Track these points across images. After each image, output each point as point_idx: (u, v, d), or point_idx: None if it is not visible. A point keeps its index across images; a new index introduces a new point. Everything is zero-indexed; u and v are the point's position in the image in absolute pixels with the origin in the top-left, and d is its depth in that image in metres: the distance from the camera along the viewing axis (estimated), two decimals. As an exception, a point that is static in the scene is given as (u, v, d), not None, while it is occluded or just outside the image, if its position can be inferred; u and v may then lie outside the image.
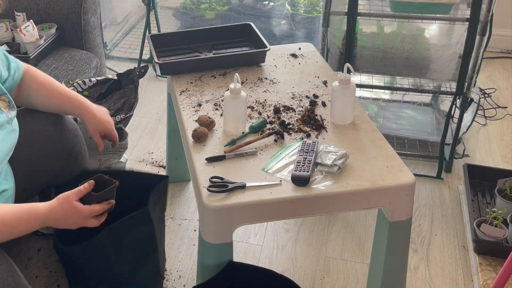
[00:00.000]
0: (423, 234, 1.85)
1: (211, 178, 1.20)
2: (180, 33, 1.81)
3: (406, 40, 2.08)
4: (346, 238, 1.84)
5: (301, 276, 1.69)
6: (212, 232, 1.20)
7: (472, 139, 2.33)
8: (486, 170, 2.01)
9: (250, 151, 1.30)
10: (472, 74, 1.96)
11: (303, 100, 1.51)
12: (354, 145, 1.33)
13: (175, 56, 1.69)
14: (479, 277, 1.64)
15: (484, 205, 1.91)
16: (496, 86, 2.71)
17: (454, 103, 2.04)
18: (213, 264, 1.24)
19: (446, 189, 2.05)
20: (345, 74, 1.37)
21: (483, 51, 1.96)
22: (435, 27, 2.10)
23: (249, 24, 1.80)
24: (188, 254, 1.76)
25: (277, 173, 1.24)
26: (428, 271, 1.72)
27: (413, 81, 2.19)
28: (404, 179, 1.22)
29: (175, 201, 1.98)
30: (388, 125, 2.25)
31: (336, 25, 2.03)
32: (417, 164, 2.16)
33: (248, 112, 1.45)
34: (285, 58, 1.74)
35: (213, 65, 1.65)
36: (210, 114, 1.44)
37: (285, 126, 1.39)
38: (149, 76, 2.78)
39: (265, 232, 1.85)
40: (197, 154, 1.30)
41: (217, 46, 1.76)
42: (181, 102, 1.50)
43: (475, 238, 1.70)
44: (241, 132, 1.37)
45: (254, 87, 1.57)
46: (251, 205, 1.17)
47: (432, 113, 2.35)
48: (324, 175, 1.24)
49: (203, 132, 1.33)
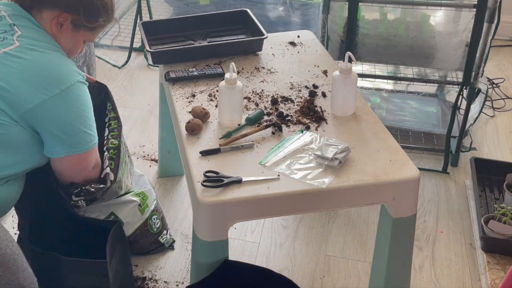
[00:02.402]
0: (428, 231, 1.84)
1: (205, 173, 1.20)
2: (173, 20, 1.81)
3: (411, 27, 2.07)
4: (347, 235, 1.83)
5: (300, 275, 1.68)
6: (207, 229, 1.20)
7: (480, 131, 2.32)
8: (494, 164, 2.01)
9: (246, 144, 1.29)
10: (479, 63, 1.96)
11: (302, 91, 1.50)
12: (355, 138, 1.32)
13: (167, 45, 1.68)
14: (487, 276, 1.62)
15: (492, 200, 1.90)
16: (505, 75, 2.69)
17: (460, 94, 2.03)
18: (208, 263, 1.23)
19: (452, 184, 2.04)
20: (346, 63, 1.36)
21: (491, 39, 1.97)
22: (441, 13, 2.10)
23: (246, 11, 1.79)
24: (181, 252, 1.75)
25: (275, 167, 1.23)
26: (433, 270, 1.71)
27: (417, 70, 2.19)
28: (408, 174, 1.22)
29: (167, 197, 1.97)
30: (392, 117, 2.25)
31: (337, 12, 2.02)
32: (421, 158, 2.15)
33: (245, 103, 1.44)
34: (283, 47, 1.73)
35: (208, 54, 1.64)
36: (205, 105, 1.43)
37: (283, 118, 1.38)
38: (141, 65, 2.77)
39: (262, 229, 1.84)
40: (190, 147, 1.29)
41: (211, 34, 1.75)
42: (174, 93, 1.49)
43: (483, 236, 1.69)
44: (237, 124, 1.36)
45: (250, 77, 1.56)
46: (247, 201, 1.16)
47: (438, 104, 2.36)
48: (325, 169, 1.23)
49: (197, 124, 1.32)
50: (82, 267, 1.34)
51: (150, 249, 1.70)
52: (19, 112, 1.23)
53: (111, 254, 1.36)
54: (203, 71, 1.53)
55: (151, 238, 1.68)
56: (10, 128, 1.23)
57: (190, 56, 1.62)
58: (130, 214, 1.59)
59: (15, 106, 1.22)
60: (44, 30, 1.31)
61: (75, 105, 1.28)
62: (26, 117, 1.24)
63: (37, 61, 1.25)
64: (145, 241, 1.67)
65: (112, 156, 1.46)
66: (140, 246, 1.67)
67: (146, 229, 1.65)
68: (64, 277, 1.30)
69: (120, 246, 1.42)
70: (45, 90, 1.23)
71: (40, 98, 1.23)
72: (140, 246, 1.67)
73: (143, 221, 1.63)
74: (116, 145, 1.49)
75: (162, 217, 1.72)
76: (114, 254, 1.38)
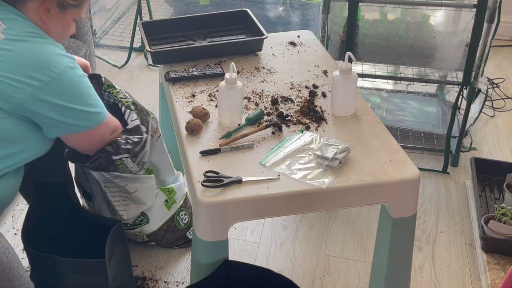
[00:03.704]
0: (428, 231, 1.84)
1: (205, 173, 1.19)
2: (173, 20, 1.80)
3: (411, 27, 2.07)
4: (347, 235, 1.82)
5: (300, 275, 1.68)
6: (207, 229, 1.19)
7: (480, 131, 2.31)
8: (494, 164, 2.00)
9: (246, 144, 1.28)
10: (479, 63, 1.95)
11: (302, 91, 1.50)
12: (355, 138, 1.32)
13: (167, 44, 1.68)
14: (487, 276, 1.62)
15: (492, 200, 1.89)
16: (505, 75, 2.69)
17: (460, 94, 2.02)
18: (208, 263, 1.22)
19: (452, 184, 2.04)
20: (346, 63, 1.35)
21: (491, 39, 1.96)
22: (441, 13, 2.09)
23: (246, 11, 1.79)
24: (181, 252, 1.74)
25: (275, 167, 1.23)
26: (433, 270, 1.70)
27: (417, 70, 2.18)
28: (408, 174, 1.21)
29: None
30: (392, 117, 2.24)
31: (337, 12, 2.02)
32: (422, 158, 2.14)
33: (245, 103, 1.43)
34: (283, 47, 1.72)
35: (208, 54, 1.64)
36: (205, 105, 1.42)
37: (283, 118, 1.38)
38: (141, 65, 2.77)
39: (262, 229, 1.84)
40: (190, 147, 1.28)
41: (211, 33, 1.74)
42: (174, 93, 1.48)
43: (483, 236, 1.69)
44: (237, 124, 1.35)
45: (250, 77, 1.55)
46: (247, 201, 1.15)
47: (438, 104, 2.35)
48: (325, 169, 1.22)
49: (197, 124, 1.32)
50: (80, 267, 1.34)
51: (177, 244, 1.72)
52: (11, 104, 1.20)
53: (111, 254, 1.35)
54: (203, 71, 1.53)
55: (179, 233, 1.70)
56: (3, 121, 1.21)
57: (190, 56, 1.62)
58: (156, 209, 1.60)
59: (6, 99, 1.20)
60: (31, 21, 1.29)
61: (70, 88, 1.25)
62: (19, 109, 1.22)
63: (24, 51, 1.22)
64: (172, 236, 1.69)
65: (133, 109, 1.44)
66: (167, 241, 1.69)
67: (173, 225, 1.67)
68: (62, 278, 1.30)
69: (120, 246, 1.42)
70: (35, 79, 1.20)
71: (31, 87, 1.20)
72: (167, 241, 1.69)
73: (170, 216, 1.64)
74: (131, 101, 1.46)
75: (191, 213, 1.71)
76: (113, 254, 1.38)
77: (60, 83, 1.23)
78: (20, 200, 1.84)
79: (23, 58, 1.21)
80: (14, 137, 1.25)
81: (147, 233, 1.64)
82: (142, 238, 1.66)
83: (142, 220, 1.61)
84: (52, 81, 1.22)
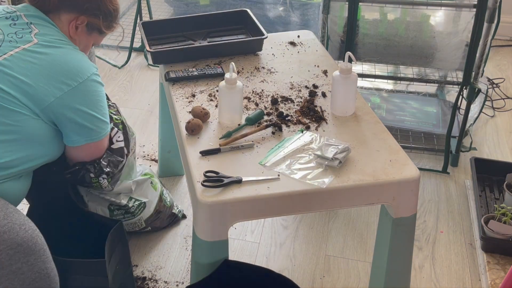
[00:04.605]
0: (428, 231, 1.84)
1: (205, 173, 1.19)
2: (173, 20, 1.80)
3: (411, 27, 2.07)
4: (347, 235, 1.82)
5: (300, 275, 1.67)
6: (207, 229, 1.19)
7: (480, 131, 2.31)
8: (494, 164, 2.00)
9: (246, 144, 1.28)
10: (479, 63, 1.95)
11: (302, 91, 1.49)
12: (355, 138, 1.31)
13: (167, 44, 1.68)
14: (487, 276, 1.62)
15: (492, 200, 1.89)
16: (505, 75, 2.69)
17: (460, 94, 2.02)
18: (208, 263, 1.22)
19: (452, 184, 2.04)
20: (346, 63, 1.35)
21: (491, 39, 1.96)
22: (441, 13, 2.09)
23: (246, 11, 1.79)
24: (181, 252, 1.74)
25: (275, 167, 1.23)
26: (433, 270, 1.70)
27: (417, 70, 2.18)
28: (408, 174, 1.21)
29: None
30: (392, 117, 2.24)
31: (337, 12, 2.02)
32: (422, 158, 2.14)
33: (245, 103, 1.43)
34: (283, 47, 1.72)
35: (208, 54, 1.64)
36: (205, 105, 1.42)
37: (283, 118, 1.38)
38: (141, 65, 2.77)
39: (262, 229, 1.84)
40: (190, 147, 1.28)
41: (211, 33, 1.74)
42: (174, 93, 1.48)
43: (483, 236, 1.69)
44: (237, 124, 1.35)
45: (250, 77, 1.55)
46: (247, 201, 1.15)
47: (438, 104, 2.35)
48: (325, 169, 1.22)
49: (197, 124, 1.32)
50: (80, 267, 1.34)
51: (168, 223, 1.78)
52: (41, 107, 1.26)
53: (111, 254, 1.35)
54: (203, 71, 1.53)
55: (167, 211, 1.76)
56: (31, 122, 1.26)
57: (190, 56, 1.62)
58: (147, 192, 1.66)
59: (37, 101, 1.25)
60: (60, 30, 1.37)
61: (92, 96, 1.33)
62: (47, 111, 1.27)
63: (55, 56, 1.29)
64: (163, 216, 1.74)
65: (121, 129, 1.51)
66: (160, 221, 1.74)
67: (162, 204, 1.72)
68: (62, 278, 1.29)
69: (120, 246, 1.42)
70: (65, 84, 1.27)
71: (60, 91, 1.26)
72: (160, 221, 1.74)
73: (158, 196, 1.70)
74: (120, 121, 1.52)
75: (168, 191, 1.81)
76: (113, 254, 1.38)
77: (86, 89, 1.31)
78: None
79: (55, 63, 1.28)
80: (40, 139, 1.29)
81: (145, 218, 1.67)
82: (140, 225, 1.69)
83: (141, 206, 1.65)
84: (79, 87, 1.29)
